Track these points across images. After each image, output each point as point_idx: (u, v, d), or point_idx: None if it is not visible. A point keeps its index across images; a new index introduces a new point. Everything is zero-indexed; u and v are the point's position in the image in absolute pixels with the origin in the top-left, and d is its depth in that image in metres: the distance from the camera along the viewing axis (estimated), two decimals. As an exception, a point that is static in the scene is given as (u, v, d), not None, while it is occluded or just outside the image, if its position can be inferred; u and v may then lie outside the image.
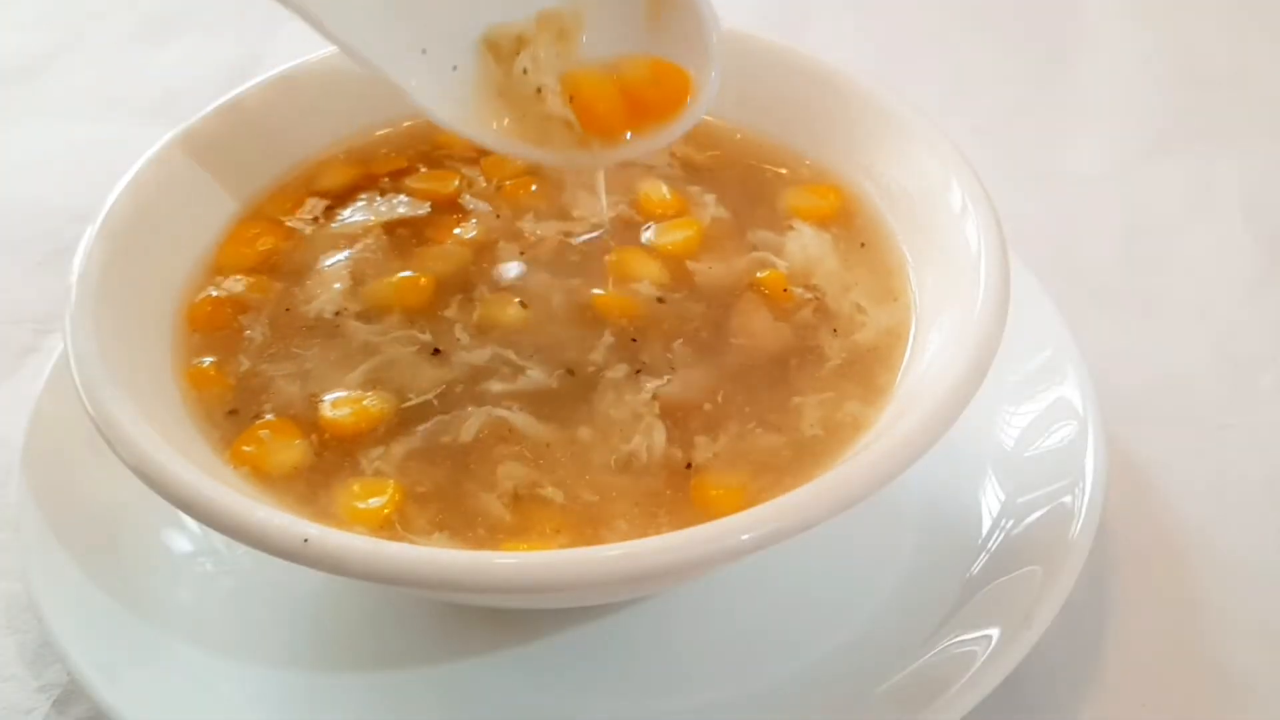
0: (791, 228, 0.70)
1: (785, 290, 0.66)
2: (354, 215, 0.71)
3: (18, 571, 0.64)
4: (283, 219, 0.71)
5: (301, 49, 0.75)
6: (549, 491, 0.57)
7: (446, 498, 0.58)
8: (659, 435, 0.59)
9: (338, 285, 0.67)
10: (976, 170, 0.65)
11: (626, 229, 0.70)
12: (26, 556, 0.63)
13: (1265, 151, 0.99)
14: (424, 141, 0.76)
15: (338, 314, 0.65)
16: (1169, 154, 0.99)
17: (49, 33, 1.14)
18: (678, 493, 0.58)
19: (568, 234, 0.70)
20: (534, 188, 0.73)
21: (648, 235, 0.70)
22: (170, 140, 0.68)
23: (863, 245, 0.69)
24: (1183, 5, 1.15)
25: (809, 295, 0.67)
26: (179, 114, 0.70)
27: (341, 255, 0.69)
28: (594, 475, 0.58)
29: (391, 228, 0.70)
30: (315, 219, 0.71)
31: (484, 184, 0.73)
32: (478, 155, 0.75)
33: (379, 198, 0.72)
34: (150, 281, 0.64)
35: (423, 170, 0.74)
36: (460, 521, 0.57)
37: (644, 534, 0.55)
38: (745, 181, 0.74)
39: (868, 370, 0.63)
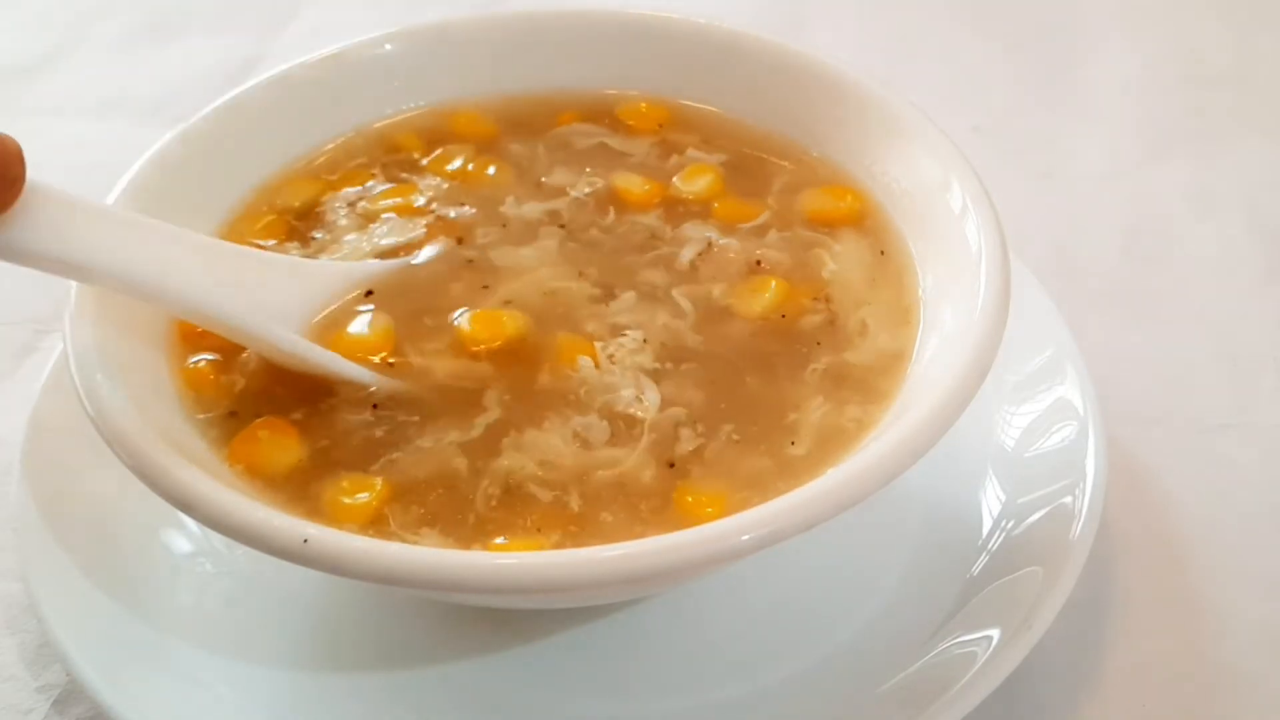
0: (808, 231, 0.70)
1: (796, 296, 0.66)
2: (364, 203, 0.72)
3: (18, 571, 0.64)
4: (283, 215, 0.71)
5: (302, 49, 0.75)
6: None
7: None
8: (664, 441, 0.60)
9: None
10: (976, 170, 0.65)
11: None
12: (26, 556, 0.63)
13: (1265, 151, 0.98)
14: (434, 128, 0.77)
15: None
16: (1169, 154, 0.99)
17: (49, 33, 1.14)
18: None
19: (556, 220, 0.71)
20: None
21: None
22: (170, 140, 0.68)
23: (882, 253, 0.68)
24: (1183, 5, 1.15)
25: (821, 302, 0.66)
26: (179, 114, 0.71)
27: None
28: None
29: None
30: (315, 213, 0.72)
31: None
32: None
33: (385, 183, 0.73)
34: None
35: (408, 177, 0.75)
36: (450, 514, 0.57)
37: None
38: (756, 179, 0.73)
39: (873, 376, 0.62)
